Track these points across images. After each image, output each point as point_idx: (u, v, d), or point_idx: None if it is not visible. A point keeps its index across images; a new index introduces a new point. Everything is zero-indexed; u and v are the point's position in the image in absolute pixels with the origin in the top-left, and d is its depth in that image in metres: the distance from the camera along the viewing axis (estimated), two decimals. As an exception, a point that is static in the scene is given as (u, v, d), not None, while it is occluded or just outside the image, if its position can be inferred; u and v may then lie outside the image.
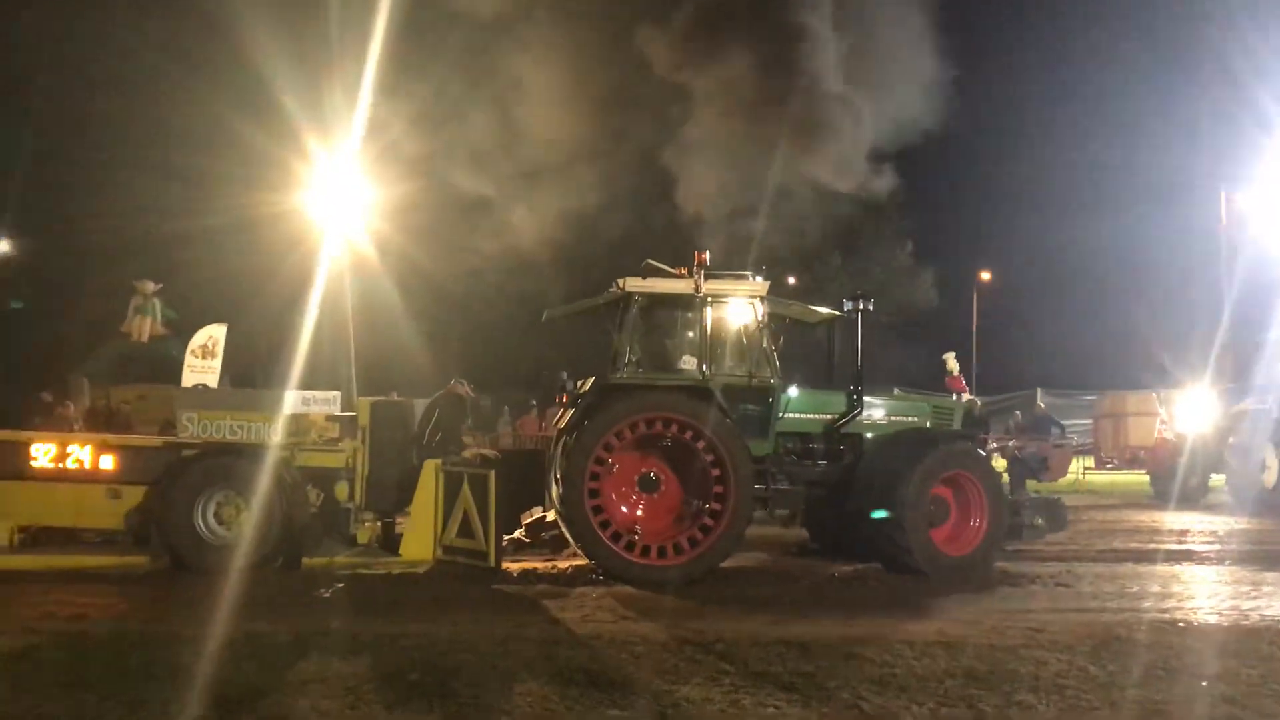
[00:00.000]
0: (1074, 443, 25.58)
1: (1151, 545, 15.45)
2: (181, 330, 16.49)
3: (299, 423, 12.77)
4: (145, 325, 16.21)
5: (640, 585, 11.57)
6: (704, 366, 12.50)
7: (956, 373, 21.29)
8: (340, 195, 23.03)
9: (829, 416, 12.96)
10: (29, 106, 31.27)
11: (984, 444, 13.79)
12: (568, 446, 12.31)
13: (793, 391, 12.93)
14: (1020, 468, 15.45)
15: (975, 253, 47.89)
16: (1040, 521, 13.25)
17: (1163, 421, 23.74)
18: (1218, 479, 22.27)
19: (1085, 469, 26.77)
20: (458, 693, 7.37)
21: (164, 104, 27.57)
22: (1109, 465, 25.66)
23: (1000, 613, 10.39)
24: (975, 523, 12.54)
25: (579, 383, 13.12)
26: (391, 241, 22.91)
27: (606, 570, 12.03)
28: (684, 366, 12.74)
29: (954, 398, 17.68)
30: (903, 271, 35.82)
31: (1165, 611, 10.58)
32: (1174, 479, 21.69)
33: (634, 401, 12.22)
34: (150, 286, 16.42)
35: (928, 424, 13.33)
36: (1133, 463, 24.66)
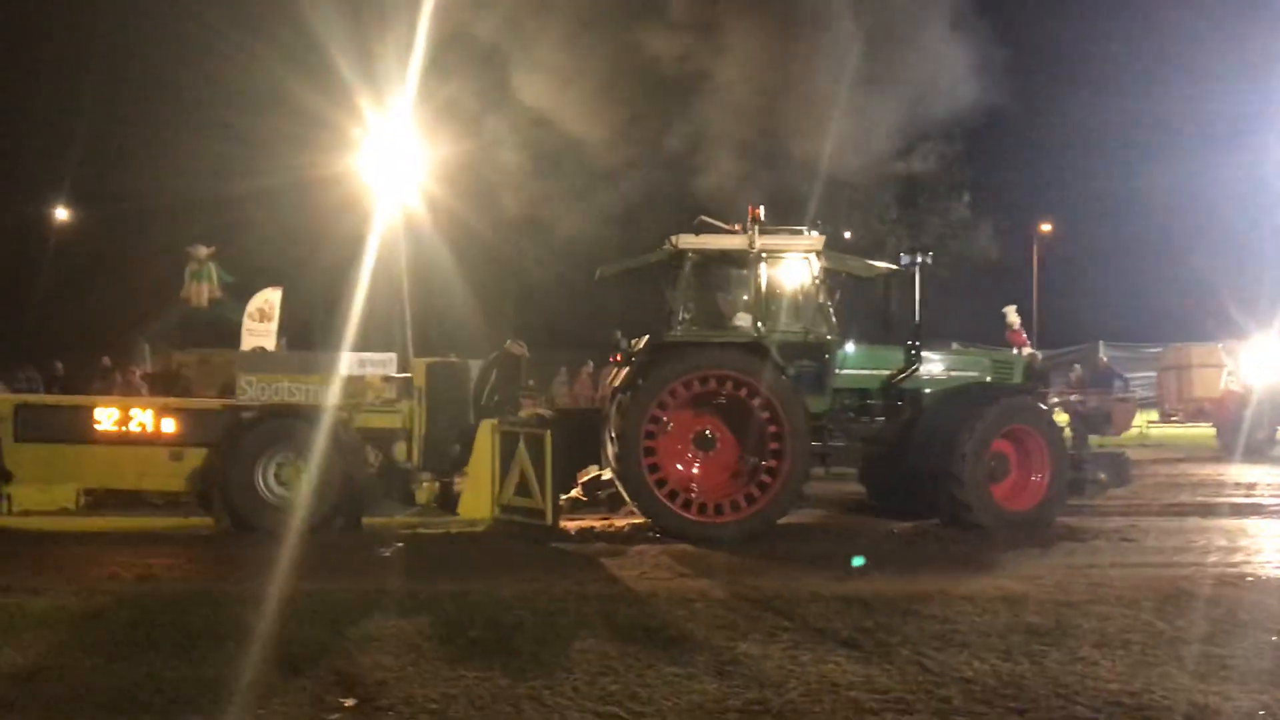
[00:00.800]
0: (1137, 396, 25.20)
1: (1217, 499, 15.24)
2: (239, 293, 16.62)
3: (356, 384, 12.87)
4: (203, 290, 16.31)
5: (696, 542, 11.59)
6: (759, 323, 12.42)
7: (1017, 326, 21.00)
8: (393, 157, 23.09)
9: (887, 372, 12.85)
10: (90, 71, 31.72)
11: (1045, 398, 13.58)
12: (622, 405, 12.30)
13: (849, 348, 12.83)
14: (1082, 422, 15.22)
15: (1035, 204, 47.06)
16: (1103, 477, 13.10)
17: (1229, 373, 23.33)
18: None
19: (1149, 422, 26.40)
20: (518, 649, 7.42)
21: (223, 65, 27.80)
22: (1173, 418, 25.29)
23: (1064, 568, 10.31)
24: (1037, 478, 12.43)
25: (633, 341, 13.07)
26: (444, 203, 22.94)
27: (663, 528, 12.05)
28: (739, 323, 12.65)
29: (1014, 352, 17.41)
30: (961, 224, 35.35)
31: (1232, 566, 10.45)
32: (1240, 432, 21.33)
33: (688, 360, 12.17)
34: (204, 251, 16.51)
35: (988, 378, 13.18)
36: (1198, 415, 24.28)
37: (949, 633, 7.80)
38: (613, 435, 12.35)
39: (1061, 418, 16.22)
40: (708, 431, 12.53)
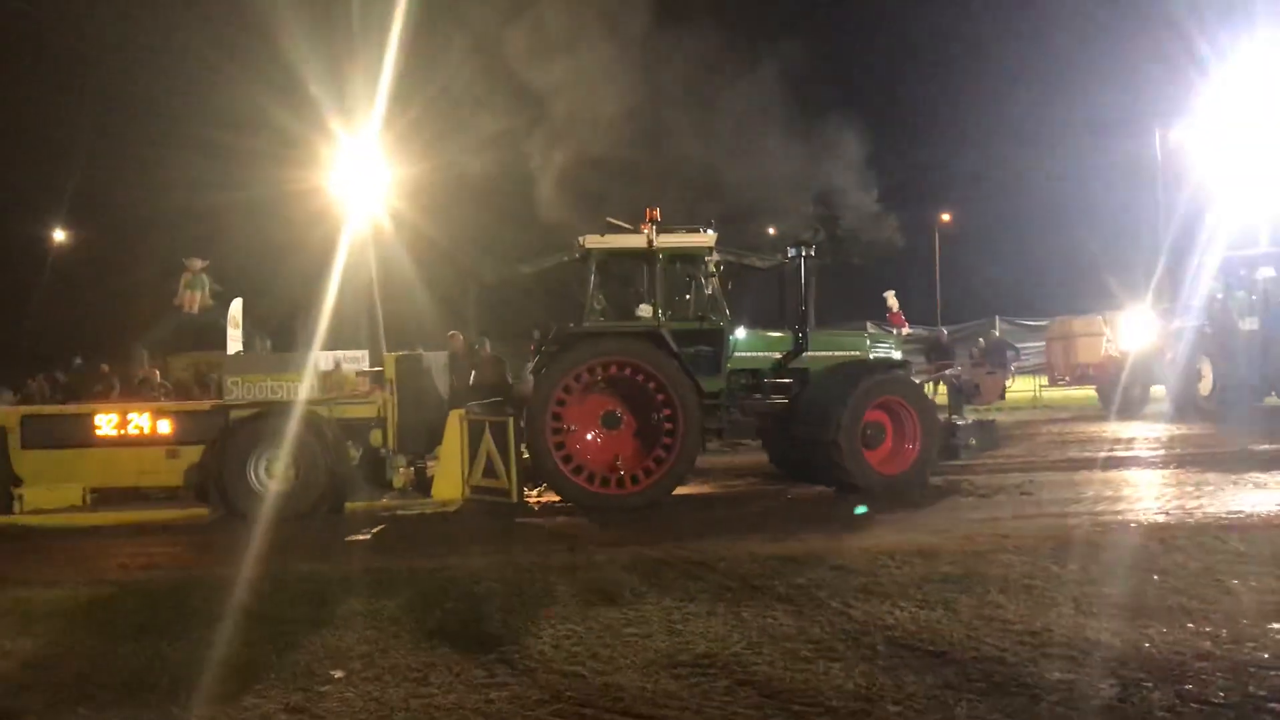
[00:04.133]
0: (1012, 370, 25.28)
1: (1103, 454, 15.48)
2: (226, 301, 16.41)
3: (333, 379, 12.77)
4: (195, 298, 16.11)
5: (601, 512, 11.68)
6: (658, 313, 12.44)
7: (896, 309, 21.22)
8: (361, 173, 22.92)
9: (777, 354, 12.93)
10: (83, 96, 31.17)
11: (914, 372, 13.65)
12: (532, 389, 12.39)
13: (741, 333, 12.89)
14: (957, 394, 15.48)
15: (936, 196, 47.63)
16: (974, 442, 13.24)
17: (1108, 340, 23.71)
18: (1158, 391, 22.30)
19: (1040, 386, 26.80)
20: (490, 617, 7.40)
21: (206, 88, 27.42)
22: (1061, 383, 25.64)
23: (970, 522, 10.43)
24: (910, 445, 12.54)
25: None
26: (406, 215, 22.81)
27: (570, 500, 12.15)
28: (641, 314, 12.65)
29: (893, 331, 17.57)
30: (871, 217, 35.51)
31: (1118, 514, 10.63)
32: (1117, 393, 21.74)
33: (589, 348, 12.23)
34: (199, 263, 16.30)
35: (868, 356, 13.26)
36: (1082, 379, 24.64)
37: (872, 585, 7.86)
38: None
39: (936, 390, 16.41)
40: (616, 412, 12.57)
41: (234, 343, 15.00)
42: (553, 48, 13.96)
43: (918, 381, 13.21)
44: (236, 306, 15.42)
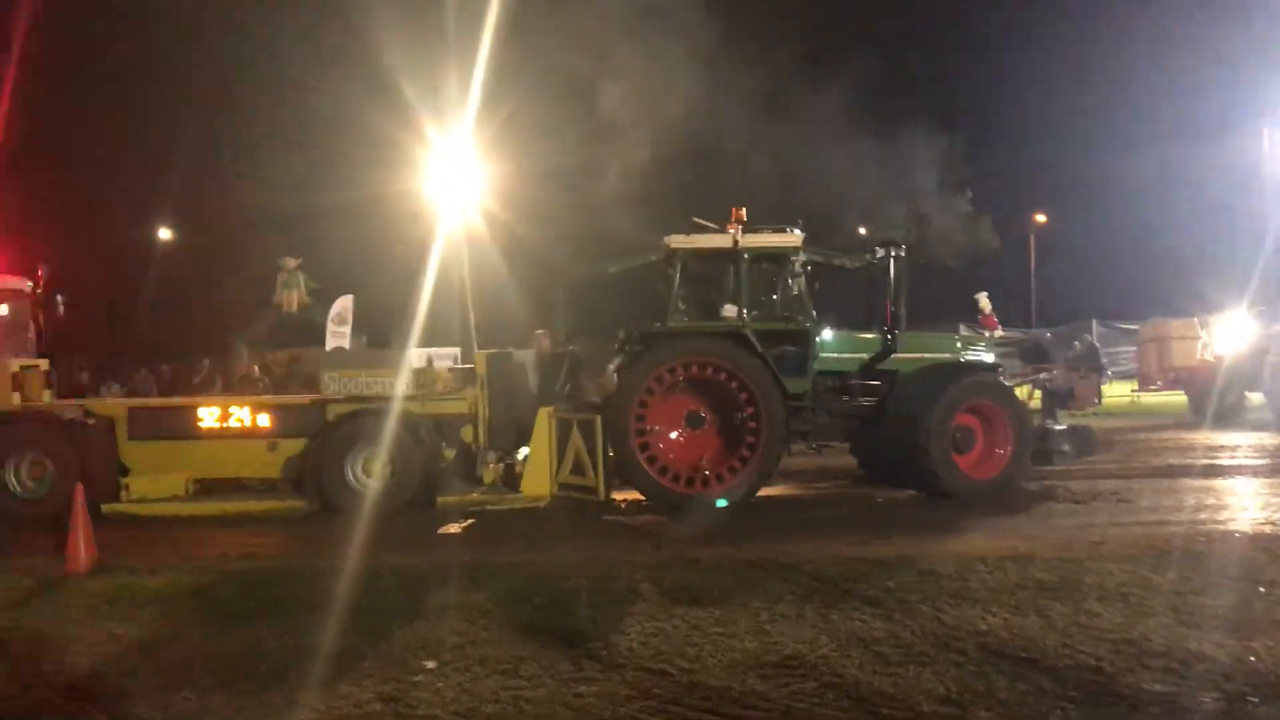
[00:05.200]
0: (1107, 373, 24.58)
1: (1202, 461, 14.98)
2: (324, 299, 16.75)
3: (425, 375, 12.94)
4: (292, 297, 16.48)
5: (685, 512, 11.57)
6: (742, 313, 12.35)
7: (988, 311, 20.77)
8: (454, 174, 23.19)
9: (865, 356, 12.75)
10: (188, 103, 32.17)
11: (1007, 376, 13.36)
12: (616, 389, 12.39)
13: (827, 334, 12.74)
14: (1050, 398, 15.13)
15: (1031, 196, 46.52)
16: (1068, 448, 12.89)
17: (1203, 344, 22.95)
18: (1254, 397, 21.49)
19: (1133, 391, 26.06)
20: (578, 613, 7.43)
21: (305, 92, 27.99)
22: (1153, 387, 24.91)
23: (1065, 528, 10.19)
24: (1001, 450, 12.26)
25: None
26: (498, 214, 23.00)
27: (654, 499, 12.10)
28: (725, 314, 12.56)
29: (985, 334, 17.23)
30: (963, 217, 34.78)
31: (1220, 523, 10.28)
32: (1211, 398, 20.95)
33: (673, 348, 12.21)
34: (292, 262, 16.67)
35: (959, 359, 13.02)
36: (1176, 384, 23.89)
37: (963, 590, 7.73)
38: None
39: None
40: (700, 412, 12.53)
41: (340, 339, 15.26)
42: (644, 49, 13.99)
43: (1011, 385, 12.91)
44: (346, 303, 15.69)
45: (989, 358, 13.25)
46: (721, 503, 11.78)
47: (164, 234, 39.19)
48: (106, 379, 19.88)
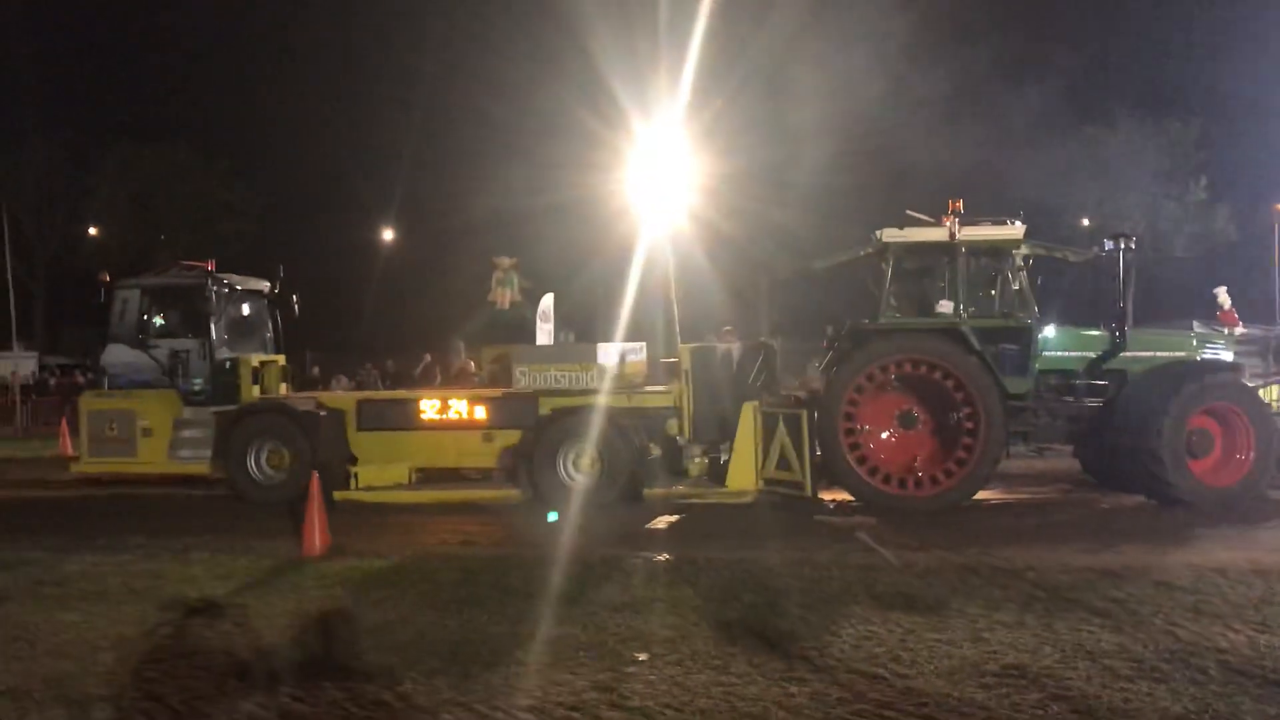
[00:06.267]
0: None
1: None
2: (535, 297, 17.23)
3: (622, 369, 13.09)
4: (505, 294, 17.01)
5: (897, 514, 11.29)
6: (960, 310, 11.90)
7: (1228, 307, 19.28)
8: (659, 173, 23.42)
9: (1092, 354, 12.11)
10: (411, 109, 33.80)
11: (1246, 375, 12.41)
12: (824, 386, 12.18)
13: (1051, 331, 12.14)
14: None
15: (1274, 186, 43.14)
16: None
17: None
18: None
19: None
20: (788, 613, 7.35)
21: (522, 97, 28.94)
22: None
23: (1316, 541, 9.41)
24: (1241, 454, 11.40)
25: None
26: (702, 212, 23.12)
27: (863, 500, 11.82)
28: (941, 310, 12.14)
29: (1225, 331, 16.00)
30: (1198, 206, 32.56)
31: None
32: None
33: (883, 345, 11.90)
34: (507, 261, 17.21)
35: (1195, 358, 12.18)
36: None
37: (1201, 604, 7.24)
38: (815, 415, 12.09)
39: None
40: (912, 411, 12.19)
41: (545, 336, 15.68)
42: (853, 44, 13.78)
43: (1254, 386, 12.01)
44: (548, 301, 16.12)
45: (1228, 356, 12.39)
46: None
47: (387, 235, 41.29)
48: (336, 373, 21.11)
